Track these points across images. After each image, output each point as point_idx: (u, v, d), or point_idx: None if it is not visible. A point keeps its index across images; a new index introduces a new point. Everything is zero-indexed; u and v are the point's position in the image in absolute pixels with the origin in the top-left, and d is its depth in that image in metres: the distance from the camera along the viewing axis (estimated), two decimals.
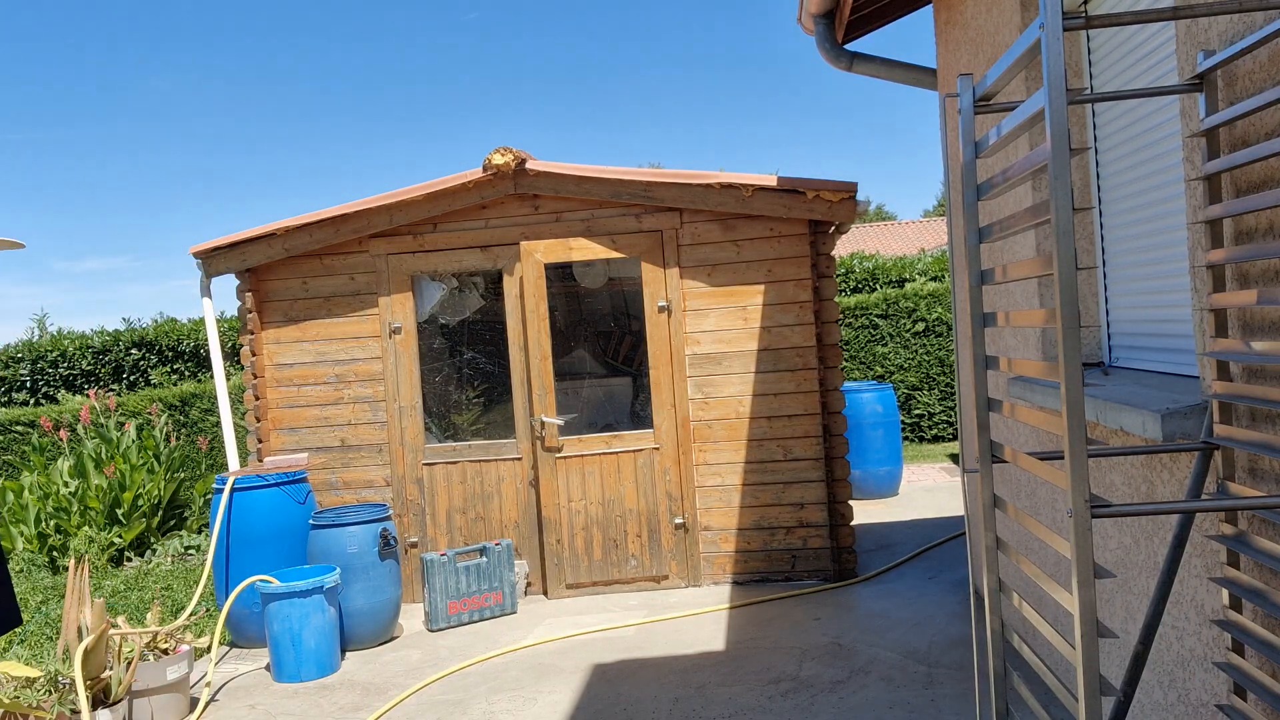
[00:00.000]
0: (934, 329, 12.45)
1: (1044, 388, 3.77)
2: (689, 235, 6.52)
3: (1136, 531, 3.12)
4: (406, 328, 6.70)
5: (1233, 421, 2.44)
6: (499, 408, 7.12)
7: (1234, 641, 2.39)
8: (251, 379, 6.77)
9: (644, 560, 6.55)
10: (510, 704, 4.74)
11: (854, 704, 4.39)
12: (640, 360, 7.13)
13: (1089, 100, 2.42)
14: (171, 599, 7.12)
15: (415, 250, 6.70)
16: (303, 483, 6.23)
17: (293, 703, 5.01)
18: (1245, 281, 2.36)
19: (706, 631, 5.61)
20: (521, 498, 6.66)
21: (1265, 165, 2.25)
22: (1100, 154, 3.84)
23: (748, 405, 6.50)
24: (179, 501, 9.46)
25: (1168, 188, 3.18)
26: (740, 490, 6.53)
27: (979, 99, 2.58)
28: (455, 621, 6.09)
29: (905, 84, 6.29)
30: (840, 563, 6.45)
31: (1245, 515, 2.38)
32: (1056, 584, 2.19)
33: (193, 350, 14.10)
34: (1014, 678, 2.66)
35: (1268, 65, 2.19)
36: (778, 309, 6.48)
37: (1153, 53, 3.17)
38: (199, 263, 6.74)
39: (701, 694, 4.65)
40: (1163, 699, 3.02)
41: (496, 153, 6.40)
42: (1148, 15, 2.23)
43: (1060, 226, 1.94)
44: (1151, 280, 3.40)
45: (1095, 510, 1.97)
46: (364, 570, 5.75)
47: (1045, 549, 4.27)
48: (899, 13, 6.46)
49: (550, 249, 6.51)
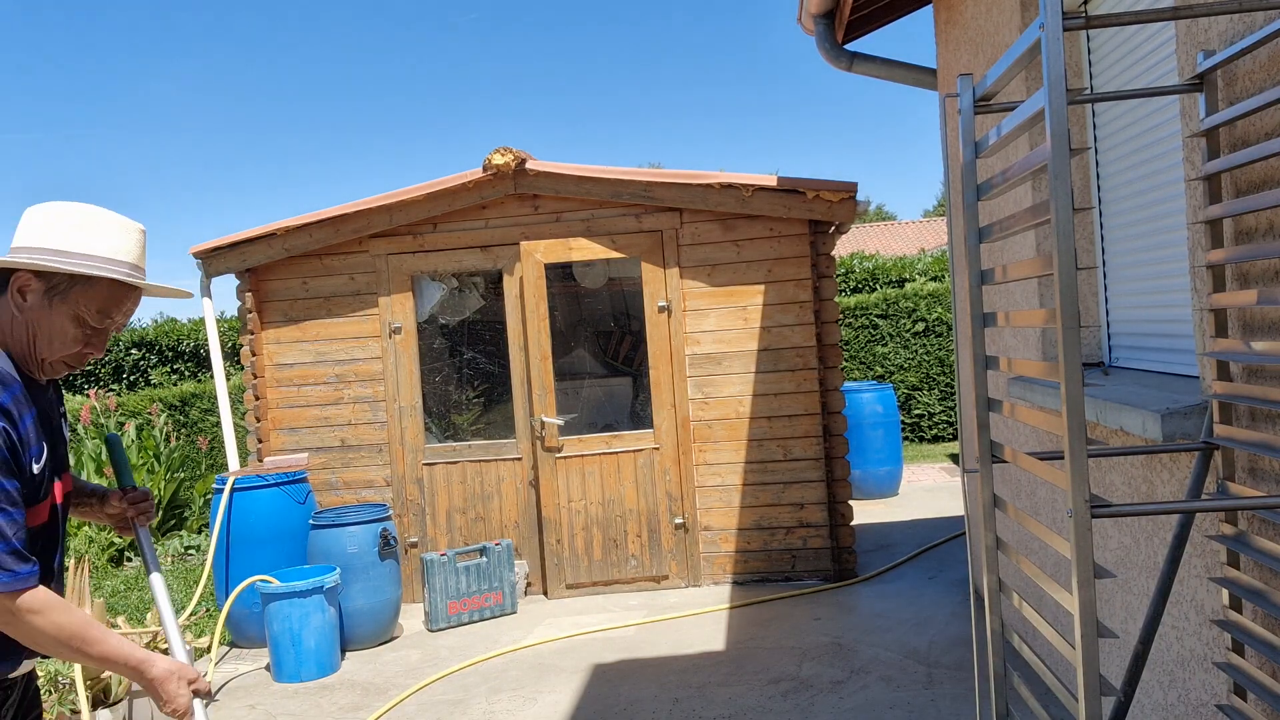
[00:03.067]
0: (934, 329, 12.45)
1: (1044, 388, 3.77)
2: (689, 235, 6.52)
3: (1136, 531, 3.12)
4: (406, 328, 6.70)
5: (1233, 421, 2.44)
6: (499, 408, 7.12)
7: (1234, 641, 2.39)
8: (251, 379, 6.77)
9: (644, 560, 6.55)
10: (510, 704, 4.74)
11: (854, 704, 4.39)
12: (640, 360, 7.13)
13: (1089, 100, 2.42)
14: (171, 599, 7.12)
15: (415, 250, 6.70)
16: (303, 483, 6.23)
17: (293, 703, 5.01)
18: (1245, 281, 2.36)
19: (706, 631, 5.61)
20: (521, 498, 6.66)
21: (1265, 165, 2.25)
22: (1100, 154, 3.84)
23: (748, 405, 6.50)
24: (179, 501, 9.46)
25: (1168, 188, 3.18)
26: (740, 490, 6.53)
27: (979, 99, 2.58)
28: (455, 621, 6.09)
29: (905, 84, 6.29)
30: (840, 563, 6.45)
31: (1245, 515, 2.38)
32: (1056, 584, 2.19)
33: (193, 350, 14.11)
34: (1014, 678, 2.66)
35: (1268, 65, 2.19)
36: (778, 309, 6.48)
37: (1153, 53, 3.17)
38: (199, 263, 6.74)
39: (701, 694, 4.65)
40: (1163, 699, 3.02)
41: (496, 153, 6.39)
42: (1148, 15, 2.23)
43: (1060, 226, 1.94)
44: (1151, 280, 3.40)
45: (1095, 510, 1.97)
46: (364, 570, 5.75)
47: (1045, 549, 4.27)
48: (899, 13, 6.46)
49: (550, 249, 6.51)
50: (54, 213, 2.05)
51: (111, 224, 2.07)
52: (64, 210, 2.06)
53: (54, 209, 2.06)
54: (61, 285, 2.00)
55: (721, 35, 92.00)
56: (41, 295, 2.00)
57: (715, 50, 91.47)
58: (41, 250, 2.00)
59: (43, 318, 2.00)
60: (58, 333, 2.02)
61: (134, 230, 2.10)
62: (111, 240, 2.06)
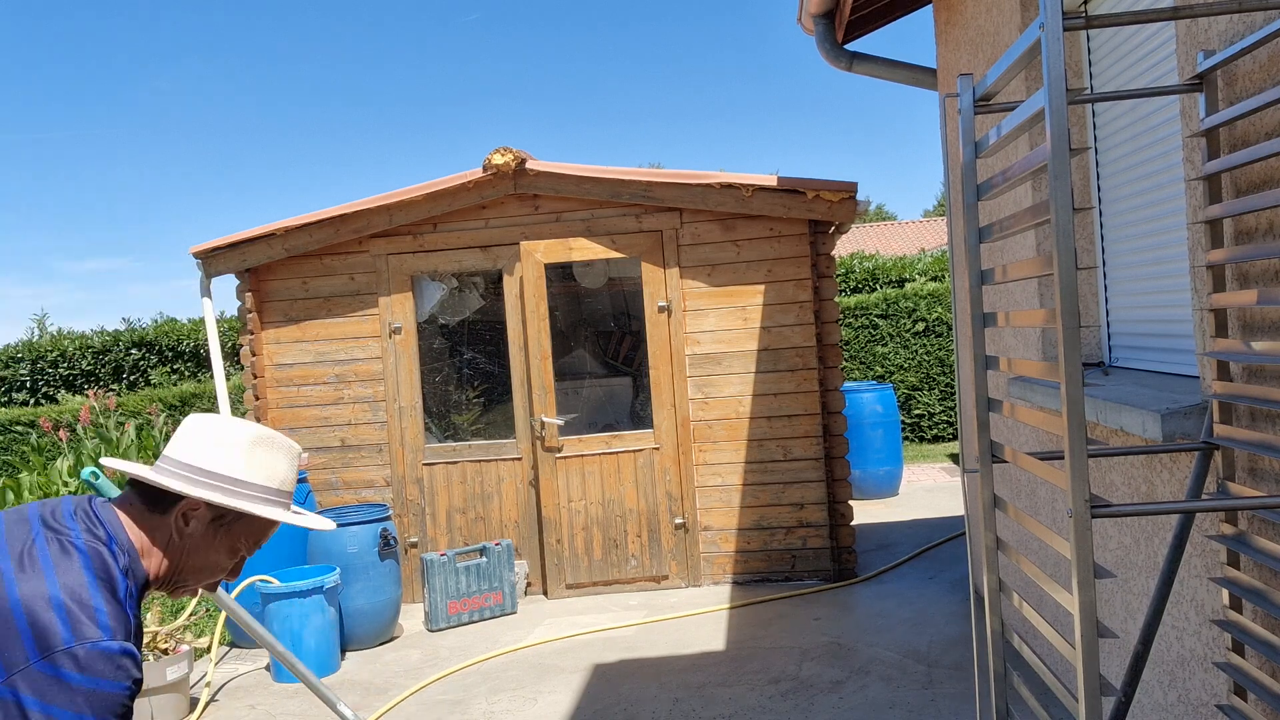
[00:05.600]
0: (934, 329, 12.45)
1: (1044, 388, 3.77)
2: (689, 235, 6.52)
3: (1136, 531, 3.12)
4: (406, 328, 6.70)
5: (1233, 421, 2.44)
6: (499, 408, 7.12)
7: (1234, 641, 2.39)
8: (251, 379, 6.77)
9: (644, 560, 6.55)
10: (510, 704, 4.74)
11: (854, 704, 4.39)
12: (640, 360, 7.13)
13: (1089, 100, 2.42)
14: (171, 599, 7.13)
15: (415, 250, 6.70)
16: (303, 483, 6.23)
17: (292, 703, 5.01)
18: (1245, 281, 2.36)
19: (706, 631, 5.61)
20: (521, 498, 6.66)
21: (1265, 165, 2.25)
22: (1100, 154, 3.84)
23: (748, 405, 6.50)
24: None
25: (1168, 188, 3.18)
26: (740, 490, 6.53)
27: (979, 99, 2.58)
28: (455, 621, 6.09)
29: (905, 84, 6.29)
30: (840, 563, 6.45)
31: (1245, 515, 2.38)
32: (1056, 584, 2.19)
33: (193, 350, 14.10)
34: (1014, 678, 2.66)
35: (1267, 65, 2.19)
36: (778, 309, 6.48)
37: (1153, 53, 3.17)
38: (199, 263, 6.74)
39: (701, 694, 4.65)
40: (1163, 699, 3.02)
41: (496, 153, 6.39)
42: (1148, 15, 2.23)
43: (1060, 226, 1.94)
44: (1151, 280, 3.40)
45: (1095, 510, 1.97)
46: (364, 570, 5.75)
47: (1045, 549, 4.27)
48: (899, 13, 6.46)
49: (550, 249, 6.51)
50: (227, 435, 1.86)
51: (282, 451, 1.91)
52: (238, 434, 1.87)
53: (227, 430, 1.87)
54: (229, 517, 1.83)
55: (721, 35, 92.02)
56: (206, 524, 1.81)
57: (715, 50, 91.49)
58: (217, 477, 1.82)
59: (200, 546, 1.82)
60: (210, 564, 1.84)
61: (297, 454, 1.97)
62: (281, 470, 1.89)
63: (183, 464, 1.82)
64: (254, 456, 1.85)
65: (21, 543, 1.66)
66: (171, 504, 1.79)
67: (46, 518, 1.72)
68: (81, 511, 1.75)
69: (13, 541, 1.68)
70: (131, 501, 1.79)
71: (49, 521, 1.71)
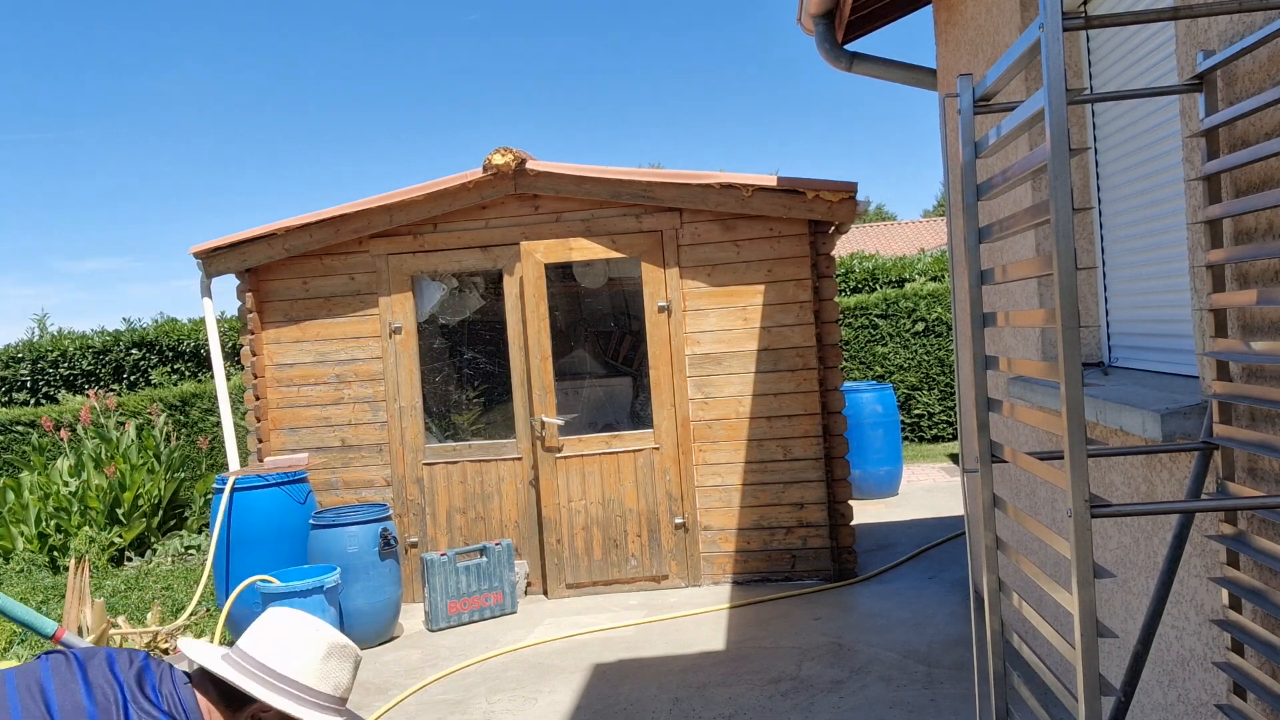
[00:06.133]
0: (934, 329, 12.45)
1: (1044, 388, 3.77)
2: (689, 235, 6.52)
3: (1136, 531, 3.12)
4: (406, 328, 6.70)
5: (1232, 421, 2.44)
6: (499, 408, 7.12)
7: (1234, 641, 2.39)
8: (252, 379, 6.77)
9: (644, 560, 6.56)
10: (510, 704, 4.74)
11: (854, 704, 4.39)
12: (640, 360, 7.13)
13: (1089, 100, 2.42)
14: (172, 599, 7.13)
15: (415, 250, 6.70)
16: (303, 483, 6.23)
17: None
18: (1245, 281, 2.37)
19: (706, 631, 5.61)
20: (521, 498, 6.67)
21: (1265, 165, 2.25)
22: (1100, 154, 3.84)
23: (748, 405, 6.50)
24: (179, 501, 9.46)
25: (1167, 188, 3.18)
26: (740, 490, 6.53)
27: (979, 99, 2.58)
28: (455, 621, 6.10)
29: (905, 84, 6.29)
30: (840, 562, 6.46)
31: (1245, 515, 2.38)
32: (1056, 584, 2.19)
33: (193, 350, 14.10)
34: (1014, 678, 2.66)
35: (1267, 65, 2.19)
36: (778, 309, 6.48)
37: (1153, 53, 3.17)
38: (199, 263, 6.75)
39: (701, 694, 4.65)
40: (1163, 699, 3.03)
41: (496, 153, 6.40)
42: (1148, 15, 2.23)
43: (1060, 226, 1.94)
44: (1151, 280, 3.40)
45: (1095, 510, 1.97)
46: (364, 570, 5.75)
47: (1045, 549, 4.27)
48: (899, 13, 6.46)
49: (550, 249, 6.52)
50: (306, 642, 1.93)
51: (350, 661, 1.97)
52: (317, 643, 1.94)
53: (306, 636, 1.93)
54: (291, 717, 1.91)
55: (721, 35, 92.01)
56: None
57: (715, 50, 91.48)
58: (291, 684, 1.89)
59: None
60: None
61: (359, 662, 2.04)
62: (346, 680, 1.96)
63: (259, 663, 1.90)
64: (328, 666, 1.94)
65: (108, 699, 1.75)
66: (246, 702, 1.88)
67: (131, 685, 1.81)
68: (168, 692, 1.83)
69: (97, 693, 1.77)
70: (208, 691, 1.89)
71: (133, 692, 1.79)
